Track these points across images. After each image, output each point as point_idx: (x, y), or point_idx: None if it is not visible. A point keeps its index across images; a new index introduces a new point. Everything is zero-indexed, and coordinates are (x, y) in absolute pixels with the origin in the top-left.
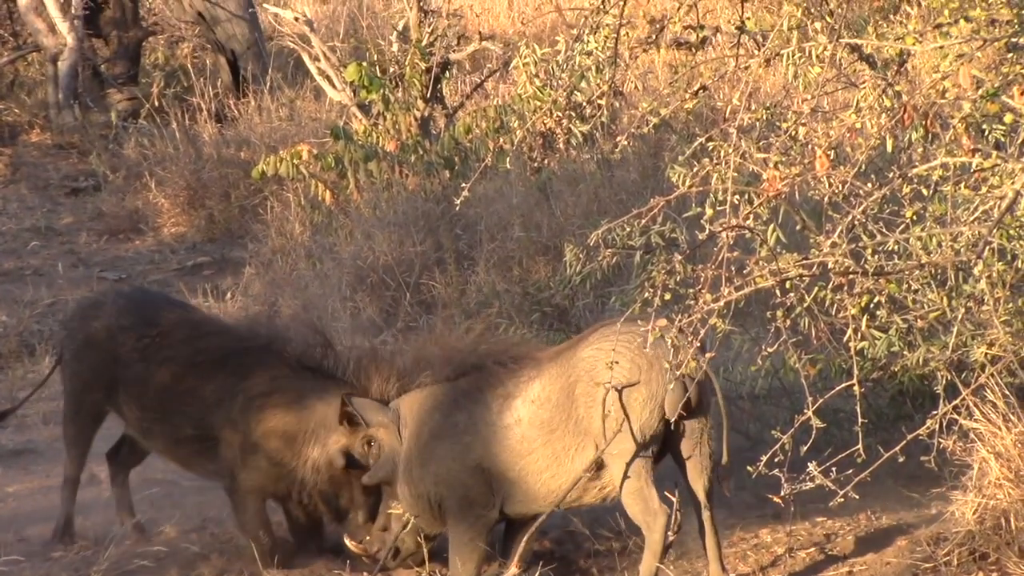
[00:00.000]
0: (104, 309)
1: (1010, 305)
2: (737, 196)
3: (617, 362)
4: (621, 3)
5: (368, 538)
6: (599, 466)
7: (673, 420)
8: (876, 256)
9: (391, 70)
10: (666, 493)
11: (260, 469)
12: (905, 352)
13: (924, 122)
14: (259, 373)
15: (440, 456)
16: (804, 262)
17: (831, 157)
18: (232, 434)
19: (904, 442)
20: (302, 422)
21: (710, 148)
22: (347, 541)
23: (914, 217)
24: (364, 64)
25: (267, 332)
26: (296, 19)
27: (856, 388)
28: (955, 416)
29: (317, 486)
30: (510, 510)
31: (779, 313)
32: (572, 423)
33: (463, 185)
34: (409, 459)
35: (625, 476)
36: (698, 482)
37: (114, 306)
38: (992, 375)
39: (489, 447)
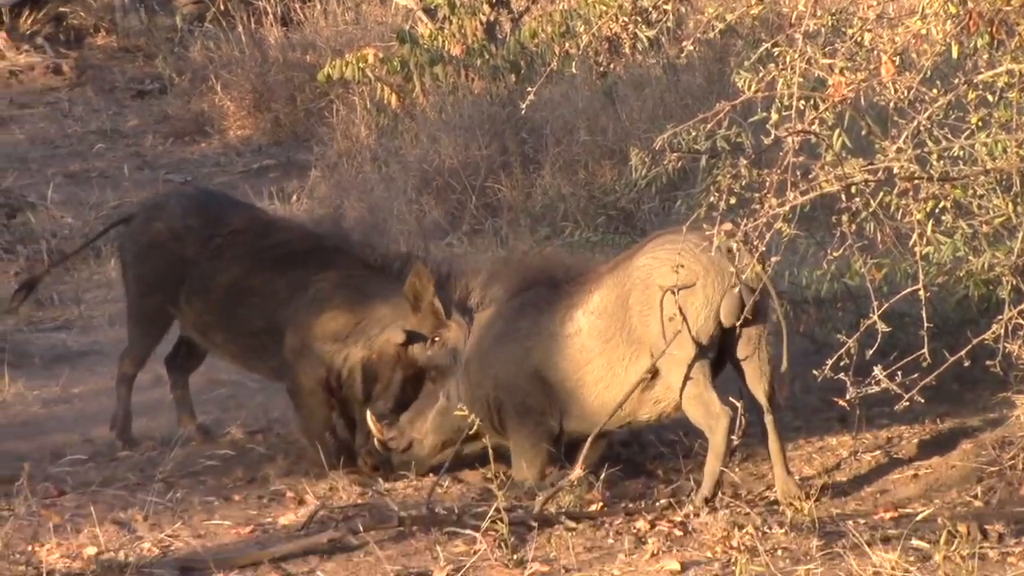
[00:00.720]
0: (168, 211)
1: None
2: (803, 101)
3: (682, 265)
4: None
5: (390, 424)
6: (653, 375)
7: (730, 326)
8: (941, 162)
9: None
10: (730, 399)
11: (316, 366)
12: (970, 257)
13: (990, 29)
14: (334, 270)
15: (501, 360)
16: (869, 167)
17: (896, 63)
18: (295, 329)
19: (969, 346)
20: (356, 321)
21: (776, 54)
22: (369, 417)
23: (979, 123)
24: None
25: (349, 234)
26: None
27: (921, 292)
28: (1020, 321)
29: (362, 361)
30: (567, 426)
31: (844, 218)
32: (626, 332)
33: (529, 89)
34: (469, 362)
35: (687, 380)
36: (758, 387)
37: (178, 207)
38: None
39: (550, 355)
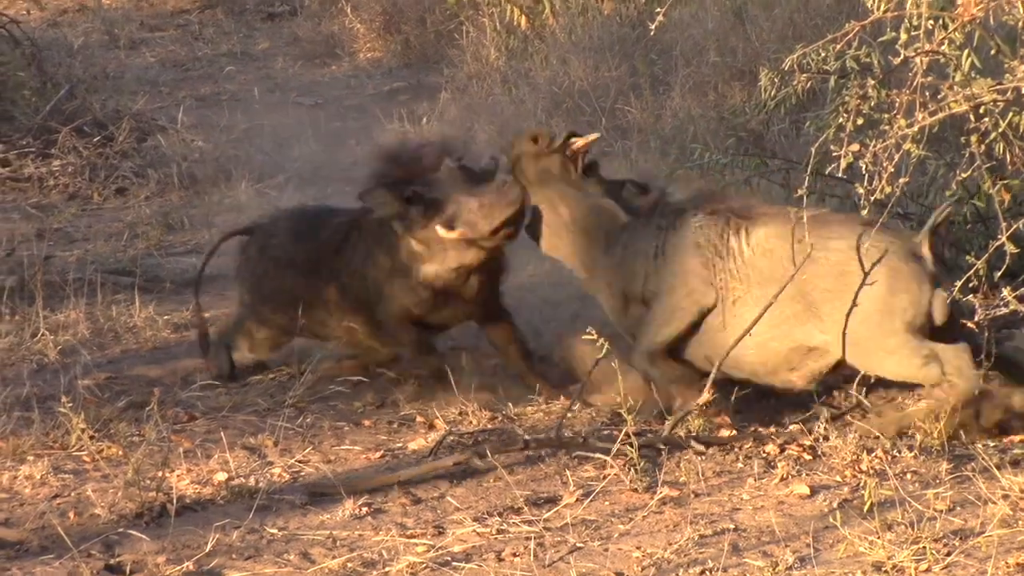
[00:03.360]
0: (278, 237)
1: None
2: (932, 21)
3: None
4: None
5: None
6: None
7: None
8: None
9: None
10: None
11: (405, 291)
12: None
13: None
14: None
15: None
16: (999, 87)
17: None
18: (383, 260)
19: None
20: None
21: None
22: None
23: None
24: None
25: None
26: None
27: None
28: None
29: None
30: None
31: (973, 138)
32: (797, 291)
33: (658, 10)
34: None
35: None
36: None
37: (287, 231)
38: None
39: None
